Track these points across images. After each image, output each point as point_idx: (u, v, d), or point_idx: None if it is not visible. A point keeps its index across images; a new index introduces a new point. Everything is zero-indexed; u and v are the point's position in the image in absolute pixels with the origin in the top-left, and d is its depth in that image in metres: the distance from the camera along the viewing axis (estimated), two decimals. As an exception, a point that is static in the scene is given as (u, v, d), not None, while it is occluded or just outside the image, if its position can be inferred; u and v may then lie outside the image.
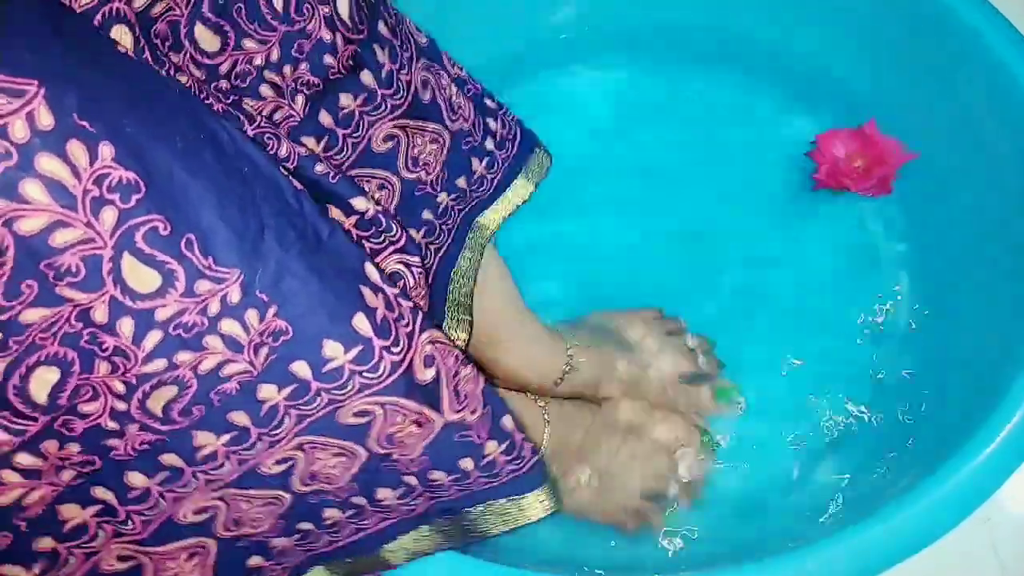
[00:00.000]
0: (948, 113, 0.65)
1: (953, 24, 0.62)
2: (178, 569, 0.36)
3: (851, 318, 0.65)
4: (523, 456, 0.42)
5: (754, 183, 0.71)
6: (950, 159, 0.65)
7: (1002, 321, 0.57)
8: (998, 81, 0.60)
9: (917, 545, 0.46)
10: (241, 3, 0.37)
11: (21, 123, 0.26)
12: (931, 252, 0.66)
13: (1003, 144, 0.60)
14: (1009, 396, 0.48)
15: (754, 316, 0.66)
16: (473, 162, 0.50)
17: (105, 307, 0.29)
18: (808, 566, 0.45)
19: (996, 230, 0.60)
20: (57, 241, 0.27)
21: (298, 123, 0.40)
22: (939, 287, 0.64)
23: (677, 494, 0.59)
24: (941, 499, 0.46)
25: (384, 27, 0.43)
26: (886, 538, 0.46)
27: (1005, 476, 0.47)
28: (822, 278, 0.67)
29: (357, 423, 0.35)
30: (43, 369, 0.29)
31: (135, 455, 0.32)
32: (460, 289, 0.51)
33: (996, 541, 0.53)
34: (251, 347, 0.32)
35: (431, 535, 0.43)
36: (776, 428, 0.62)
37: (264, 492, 0.36)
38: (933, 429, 0.57)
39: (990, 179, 0.62)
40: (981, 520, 0.53)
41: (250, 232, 0.31)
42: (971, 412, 0.50)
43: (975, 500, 0.47)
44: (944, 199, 0.66)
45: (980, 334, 0.59)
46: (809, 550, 0.46)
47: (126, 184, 0.28)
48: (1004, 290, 0.58)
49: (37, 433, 0.30)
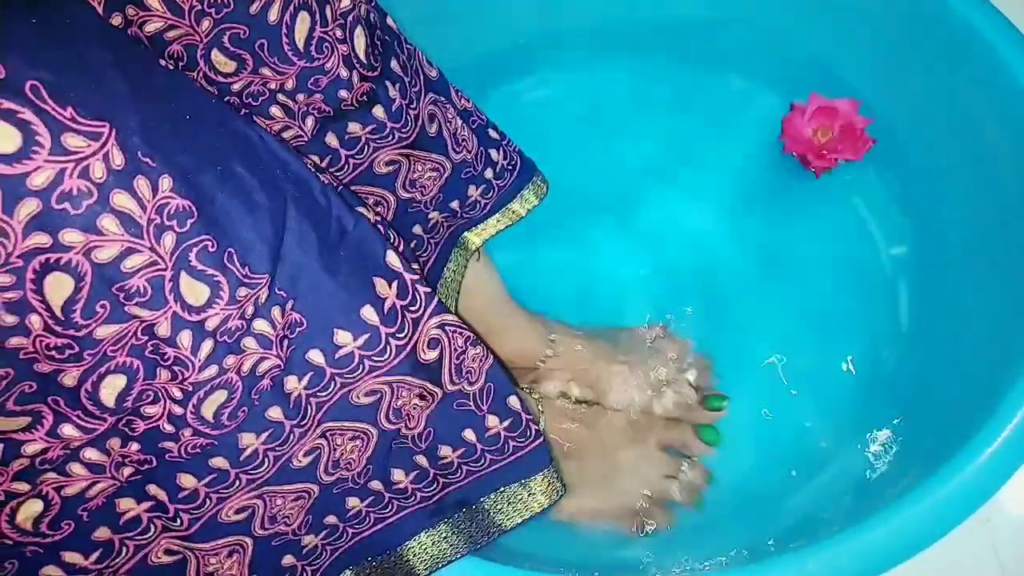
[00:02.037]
0: (948, 113, 0.65)
1: (953, 24, 0.62)
2: (219, 565, 0.39)
3: (851, 318, 0.65)
4: (528, 435, 0.45)
5: (753, 184, 0.71)
6: (950, 159, 0.65)
7: (1002, 321, 0.57)
8: (998, 81, 0.59)
9: (917, 546, 0.46)
10: (264, 39, 0.38)
11: (100, 164, 0.29)
12: (931, 253, 0.66)
13: (1003, 144, 0.60)
14: (1009, 396, 0.48)
15: (753, 317, 0.66)
16: (470, 188, 0.52)
17: (168, 322, 0.32)
18: (808, 566, 0.45)
19: (996, 230, 0.60)
20: (127, 266, 0.31)
21: (305, 143, 0.42)
22: (939, 287, 0.64)
23: (679, 494, 0.59)
24: (941, 499, 0.46)
25: (396, 64, 0.45)
26: (886, 538, 0.46)
27: (1005, 476, 0.47)
28: (821, 279, 0.67)
29: (368, 403, 0.39)
30: (112, 376, 0.32)
31: (188, 458, 0.35)
32: (446, 297, 0.54)
33: (996, 542, 0.53)
34: (278, 341, 0.35)
35: (449, 535, 0.44)
36: (775, 429, 0.62)
37: (296, 487, 0.39)
38: (933, 429, 0.57)
39: (990, 179, 0.62)
40: (981, 520, 0.53)
41: (276, 238, 0.35)
42: (971, 412, 0.50)
43: (975, 500, 0.47)
44: (944, 199, 0.66)
45: (980, 334, 0.59)
46: (809, 550, 0.46)
47: (183, 211, 0.32)
48: (1004, 290, 0.58)
49: (104, 431, 0.34)
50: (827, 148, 0.68)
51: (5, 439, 0.32)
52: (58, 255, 0.29)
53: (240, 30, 0.37)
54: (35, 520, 0.34)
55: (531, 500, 0.46)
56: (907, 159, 0.69)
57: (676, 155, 0.73)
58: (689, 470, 0.59)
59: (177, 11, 0.36)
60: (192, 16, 0.36)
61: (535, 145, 0.60)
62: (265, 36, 0.38)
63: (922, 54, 0.66)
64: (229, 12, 0.37)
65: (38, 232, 0.28)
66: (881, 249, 0.68)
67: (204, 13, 0.37)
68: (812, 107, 0.69)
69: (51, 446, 0.33)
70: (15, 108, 0.27)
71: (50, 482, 0.34)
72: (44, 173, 0.28)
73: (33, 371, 0.31)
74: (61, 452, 0.33)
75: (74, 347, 0.31)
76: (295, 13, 0.38)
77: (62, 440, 0.33)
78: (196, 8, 0.36)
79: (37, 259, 0.29)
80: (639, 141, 0.74)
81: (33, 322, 0.30)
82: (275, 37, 0.38)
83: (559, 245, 0.69)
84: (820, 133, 0.68)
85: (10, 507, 0.33)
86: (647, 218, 0.71)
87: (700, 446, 0.60)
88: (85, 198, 0.29)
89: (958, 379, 0.58)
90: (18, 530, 0.34)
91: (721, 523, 0.58)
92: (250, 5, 0.37)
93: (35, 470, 0.33)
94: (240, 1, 0.37)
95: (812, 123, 0.69)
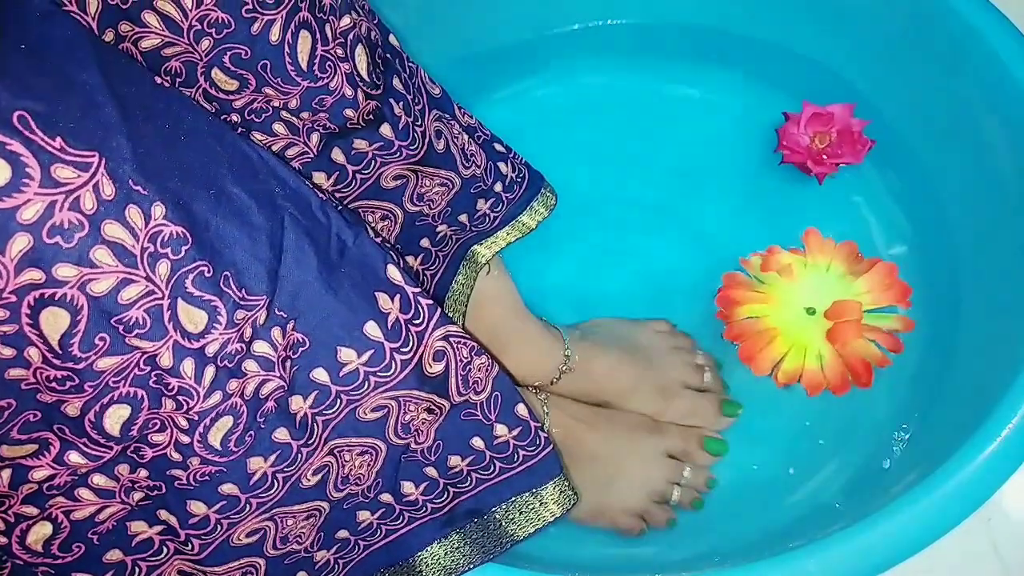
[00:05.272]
0: (948, 113, 0.65)
1: (953, 23, 0.62)
2: None
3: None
4: (537, 443, 0.44)
5: (751, 185, 0.71)
6: (950, 159, 0.65)
7: (1002, 321, 0.57)
8: (998, 81, 0.59)
9: (917, 545, 0.45)
10: (267, 60, 0.38)
11: (89, 195, 0.29)
12: (931, 253, 0.66)
13: (1003, 144, 0.60)
14: (1009, 396, 0.48)
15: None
16: (479, 202, 0.52)
17: (169, 352, 0.32)
18: (808, 566, 0.45)
19: (996, 230, 0.60)
20: (124, 297, 0.30)
21: (311, 159, 0.42)
22: (939, 287, 0.64)
23: (680, 497, 0.58)
24: (941, 499, 0.46)
25: (398, 81, 0.44)
26: (886, 538, 0.45)
27: (1005, 476, 0.47)
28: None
29: (375, 418, 0.39)
30: (116, 407, 0.32)
31: (197, 485, 0.35)
32: (453, 311, 0.53)
33: (996, 541, 0.53)
34: (279, 362, 0.35)
35: (461, 545, 0.44)
36: (776, 429, 0.62)
37: (306, 506, 0.39)
38: (933, 429, 0.57)
39: (990, 179, 0.62)
40: (981, 520, 0.54)
41: (274, 259, 0.34)
42: (971, 412, 0.50)
43: (975, 500, 0.46)
44: (944, 199, 0.66)
45: (980, 334, 0.59)
46: (809, 550, 0.45)
47: (176, 238, 0.31)
48: (1004, 290, 0.58)
49: (112, 459, 0.33)
50: (827, 153, 0.68)
51: (12, 465, 0.32)
52: (52, 290, 0.29)
53: (241, 50, 0.37)
54: (45, 542, 0.34)
55: (543, 509, 0.45)
56: (907, 159, 0.69)
57: (677, 156, 0.73)
58: (691, 476, 0.59)
59: (175, 30, 0.35)
60: (191, 35, 0.36)
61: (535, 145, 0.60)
62: (268, 57, 0.37)
63: (922, 54, 0.66)
64: (230, 32, 0.36)
65: (31, 268, 0.28)
66: (881, 249, 0.68)
67: (204, 33, 0.36)
68: (806, 115, 0.69)
69: (58, 472, 0.33)
70: (3, 140, 0.27)
71: (59, 506, 0.33)
72: (34, 206, 0.27)
73: (36, 400, 0.31)
74: (69, 478, 0.33)
75: (74, 379, 0.30)
76: (296, 32, 0.38)
77: (69, 467, 0.33)
78: (195, 28, 0.36)
79: (31, 295, 0.28)
80: (642, 141, 0.74)
81: (32, 355, 0.29)
82: (278, 57, 0.38)
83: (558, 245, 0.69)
84: (818, 139, 0.68)
85: (20, 528, 0.33)
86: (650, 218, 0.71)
87: (705, 456, 0.60)
88: (77, 231, 0.28)
89: (958, 379, 0.58)
90: (29, 551, 0.34)
91: (721, 523, 0.58)
92: (251, 25, 0.36)
93: (43, 495, 0.33)
94: (241, 21, 0.36)
95: (808, 130, 0.69)
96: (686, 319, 0.66)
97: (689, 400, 0.61)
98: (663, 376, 0.61)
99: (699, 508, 0.59)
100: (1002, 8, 0.61)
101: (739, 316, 0.62)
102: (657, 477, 0.58)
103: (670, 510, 0.58)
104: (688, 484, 0.59)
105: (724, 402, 0.62)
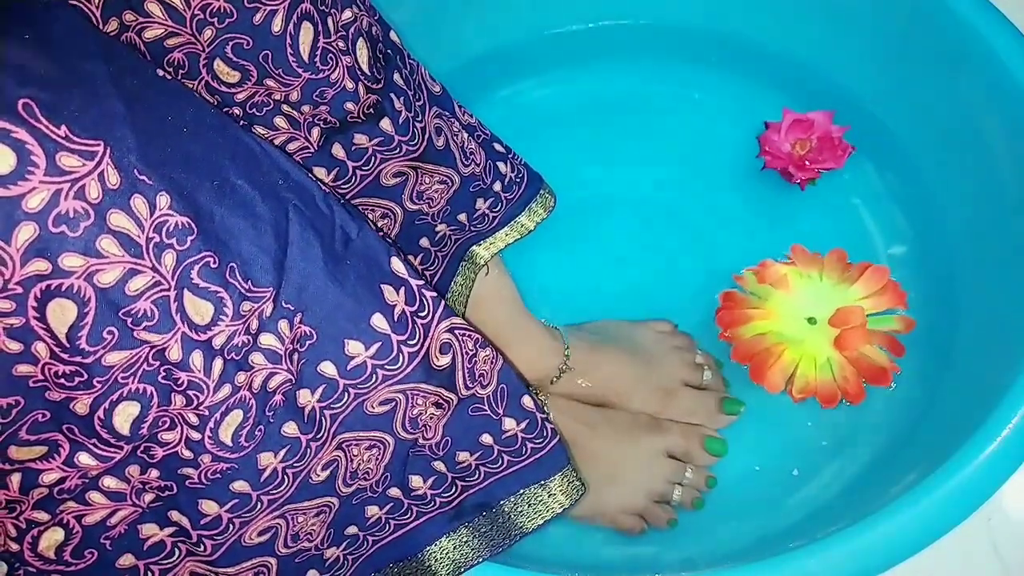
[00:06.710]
0: (948, 113, 0.65)
1: (953, 24, 0.62)
2: None
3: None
4: (545, 435, 0.44)
5: (755, 185, 0.71)
6: (950, 159, 0.65)
7: (1002, 321, 0.57)
8: (998, 81, 0.60)
9: (917, 545, 0.46)
10: (269, 51, 0.38)
11: (95, 184, 0.28)
12: (931, 253, 0.66)
13: (1003, 144, 0.60)
14: (1009, 396, 0.48)
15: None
16: (478, 201, 0.52)
17: (178, 345, 0.32)
18: (809, 566, 0.45)
19: (996, 230, 0.61)
20: (131, 288, 0.30)
21: (311, 154, 0.42)
22: (939, 288, 0.64)
23: (680, 497, 0.58)
24: (941, 499, 0.46)
25: (399, 77, 0.44)
26: (886, 538, 0.46)
27: (1005, 476, 0.47)
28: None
29: (383, 411, 0.38)
30: (125, 404, 0.32)
31: (209, 483, 0.35)
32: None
33: (996, 541, 0.53)
34: (287, 355, 0.35)
35: (470, 539, 0.44)
36: (776, 429, 0.62)
37: (316, 502, 0.39)
38: (933, 429, 0.57)
39: (990, 179, 0.62)
40: (981, 520, 0.54)
41: (279, 250, 0.34)
42: (971, 412, 0.50)
43: (975, 500, 0.47)
44: (944, 199, 0.66)
45: (980, 334, 0.59)
46: (810, 550, 0.46)
47: (182, 228, 0.31)
48: (1004, 290, 0.58)
49: (122, 459, 0.33)
50: (808, 159, 0.68)
51: (23, 468, 0.32)
52: (59, 281, 0.28)
53: (243, 40, 0.37)
54: (57, 548, 0.33)
55: (551, 501, 0.45)
56: (907, 159, 0.69)
57: (677, 156, 0.73)
58: (692, 475, 0.59)
59: (178, 19, 0.35)
60: (194, 24, 0.36)
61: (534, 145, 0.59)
62: (269, 47, 0.37)
63: (922, 54, 0.66)
64: (232, 22, 0.36)
65: (37, 258, 0.28)
66: (881, 249, 0.68)
67: (206, 22, 0.36)
68: (787, 122, 0.69)
69: (68, 475, 0.32)
70: (9, 127, 0.27)
71: (71, 511, 0.33)
72: (39, 195, 0.27)
73: (45, 399, 0.30)
74: (79, 481, 0.33)
75: (83, 374, 0.30)
76: (298, 23, 0.38)
77: (79, 469, 0.32)
78: (198, 17, 0.36)
79: (38, 286, 0.28)
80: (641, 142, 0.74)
81: (39, 349, 0.29)
82: (280, 48, 0.38)
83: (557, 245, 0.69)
84: (799, 146, 0.69)
85: (31, 535, 0.33)
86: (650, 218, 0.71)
87: (705, 457, 0.60)
88: (82, 220, 0.28)
89: (958, 379, 0.58)
90: (41, 558, 0.33)
91: (722, 522, 0.58)
92: (253, 15, 0.36)
93: (54, 499, 0.33)
94: (243, 11, 0.36)
95: (789, 137, 0.69)
96: (686, 319, 0.66)
97: (689, 398, 0.61)
98: (663, 375, 0.61)
99: (700, 508, 0.59)
100: (1002, 8, 0.61)
101: (743, 335, 0.62)
102: (658, 477, 0.58)
103: (671, 510, 0.58)
104: (689, 484, 0.59)
105: (725, 400, 0.62)
